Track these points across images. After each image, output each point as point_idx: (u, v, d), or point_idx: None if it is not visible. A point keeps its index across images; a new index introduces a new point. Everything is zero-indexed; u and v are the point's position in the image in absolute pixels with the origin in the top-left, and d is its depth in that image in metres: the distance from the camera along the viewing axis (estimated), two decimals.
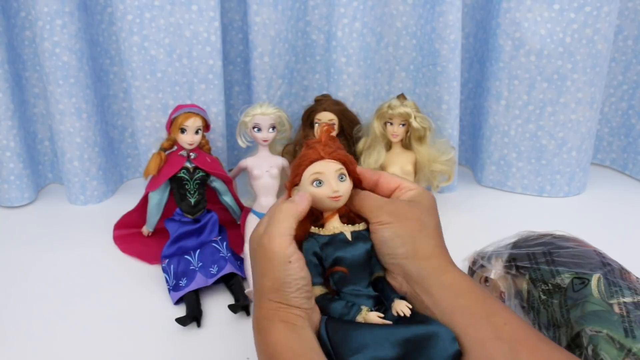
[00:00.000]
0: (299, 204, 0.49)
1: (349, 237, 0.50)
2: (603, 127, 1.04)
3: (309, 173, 0.49)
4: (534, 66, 0.88)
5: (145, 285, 0.74)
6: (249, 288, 0.70)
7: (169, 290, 0.71)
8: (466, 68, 0.98)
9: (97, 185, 0.96)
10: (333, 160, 0.50)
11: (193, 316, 0.66)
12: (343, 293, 0.49)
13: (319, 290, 0.49)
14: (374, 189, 0.54)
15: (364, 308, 0.47)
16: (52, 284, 0.76)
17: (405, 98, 0.82)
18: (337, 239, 0.49)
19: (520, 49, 0.87)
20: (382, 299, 0.50)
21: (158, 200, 0.80)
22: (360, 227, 0.51)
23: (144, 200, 0.82)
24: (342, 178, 0.50)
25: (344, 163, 0.50)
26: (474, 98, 1.01)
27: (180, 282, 0.71)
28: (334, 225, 0.50)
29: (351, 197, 0.52)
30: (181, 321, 0.64)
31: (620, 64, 0.99)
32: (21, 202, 0.96)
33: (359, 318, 0.47)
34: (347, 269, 0.49)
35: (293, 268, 0.46)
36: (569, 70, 0.87)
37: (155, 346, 0.64)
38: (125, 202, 0.90)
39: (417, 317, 0.47)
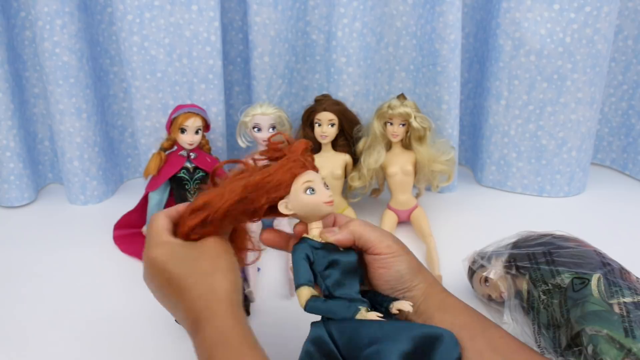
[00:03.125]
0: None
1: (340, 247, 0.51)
2: (603, 127, 1.04)
3: (300, 182, 0.49)
4: (534, 66, 0.88)
5: (145, 285, 0.74)
6: (249, 288, 0.70)
7: None
8: (466, 68, 0.98)
9: (97, 185, 0.96)
10: (314, 171, 0.51)
11: None
12: (337, 295, 0.49)
13: (309, 291, 0.48)
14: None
15: (362, 308, 0.47)
16: (52, 283, 0.76)
17: (405, 98, 0.82)
18: (329, 246, 0.50)
19: (520, 49, 0.87)
20: (376, 306, 0.50)
21: (158, 200, 0.80)
22: None
23: (144, 200, 0.82)
24: (326, 187, 0.50)
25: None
26: (474, 98, 1.01)
27: None
28: (318, 235, 0.51)
29: (345, 226, 0.51)
30: None
31: (620, 64, 0.99)
32: (21, 202, 0.96)
33: (358, 317, 0.47)
34: (341, 273, 0.49)
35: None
36: (569, 70, 0.87)
37: (155, 346, 0.64)
38: (125, 202, 0.90)
39: (415, 324, 0.48)
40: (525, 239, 0.66)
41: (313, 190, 0.49)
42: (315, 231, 0.51)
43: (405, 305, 0.47)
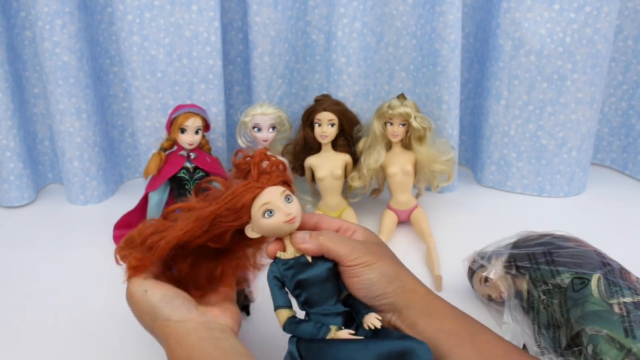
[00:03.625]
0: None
1: (309, 259, 0.50)
2: (603, 127, 1.04)
3: (257, 207, 0.49)
4: (534, 66, 0.88)
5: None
6: (249, 288, 0.70)
7: None
8: (466, 68, 0.98)
9: (97, 185, 0.96)
10: (274, 186, 0.50)
11: None
12: (311, 314, 0.49)
13: (287, 313, 0.49)
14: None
15: (333, 327, 0.47)
16: (52, 283, 0.76)
17: (405, 98, 0.82)
18: (298, 262, 0.50)
19: (520, 49, 0.87)
20: (353, 315, 0.50)
21: (158, 200, 0.80)
22: None
23: (144, 200, 0.82)
24: (288, 199, 0.49)
25: (284, 184, 0.51)
26: (474, 98, 1.01)
27: None
28: (294, 249, 0.51)
29: (314, 237, 0.51)
30: None
31: (620, 64, 0.99)
32: (21, 202, 0.96)
33: (330, 337, 0.47)
34: (310, 289, 0.49)
35: (151, 293, 0.50)
36: (569, 70, 0.87)
37: (154, 346, 0.64)
38: (125, 202, 0.90)
39: (392, 333, 0.47)
40: (525, 239, 0.66)
41: (271, 212, 0.48)
42: (289, 248, 0.51)
43: (373, 322, 0.47)
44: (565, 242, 0.63)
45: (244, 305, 0.67)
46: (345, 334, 0.46)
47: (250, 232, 0.50)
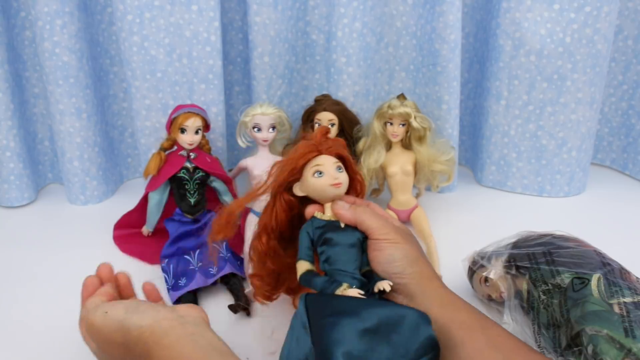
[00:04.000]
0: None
1: (342, 225, 0.53)
2: (603, 127, 1.04)
3: (310, 167, 0.53)
4: (534, 66, 0.88)
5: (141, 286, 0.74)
6: (250, 288, 0.70)
7: (168, 289, 0.71)
8: (466, 68, 0.98)
9: (97, 185, 0.96)
10: (329, 155, 0.54)
11: None
12: (329, 271, 0.51)
13: (307, 265, 0.52)
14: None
15: (345, 284, 0.48)
16: (52, 283, 0.76)
17: (405, 98, 0.82)
18: (332, 224, 0.53)
19: (520, 49, 0.87)
20: (368, 284, 0.51)
21: (158, 200, 0.80)
22: None
23: (144, 200, 0.82)
24: (339, 169, 0.54)
25: (340, 158, 0.55)
26: (474, 98, 1.01)
27: (180, 281, 0.71)
28: (332, 213, 0.54)
29: (353, 207, 0.54)
30: None
31: (620, 64, 0.99)
32: (21, 202, 0.96)
33: (338, 293, 0.48)
34: (335, 249, 0.51)
35: (111, 314, 0.51)
36: (569, 70, 0.87)
37: None
38: (125, 202, 0.90)
39: (396, 303, 0.49)
40: (525, 239, 0.66)
41: (321, 173, 0.52)
42: (328, 210, 0.54)
43: (384, 285, 0.48)
44: (565, 242, 0.63)
45: (244, 306, 0.67)
46: (355, 292, 0.47)
47: (297, 190, 0.54)
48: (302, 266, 0.52)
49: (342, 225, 0.53)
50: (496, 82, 0.92)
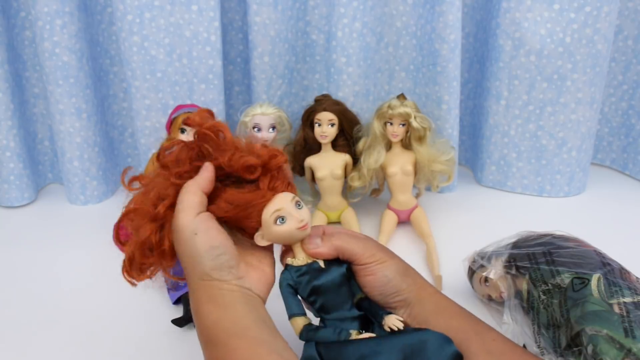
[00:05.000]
0: (200, 174, 0.49)
1: (322, 264, 0.50)
2: (603, 127, 1.04)
3: (269, 214, 0.48)
4: (534, 66, 0.88)
5: (144, 285, 0.74)
6: None
7: (168, 290, 0.71)
8: (466, 68, 0.98)
9: (97, 185, 0.96)
10: (284, 193, 0.49)
11: (189, 317, 0.66)
12: (328, 320, 0.49)
13: (302, 321, 0.49)
14: None
15: (353, 332, 0.47)
16: (52, 283, 0.76)
17: (405, 98, 0.82)
18: (312, 268, 0.50)
19: (520, 49, 0.87)
20: (370, 318, 0.50)
21: None
22: None
23: None
24: (299, 205, 0.49)
25: (291, 190, 0.50)
26: (474, 98, 1.01)
27: (180, 281, 0.71)
28: (305, 254, 0.50)
29: (327, 240, 0.51)
30: (178, 322, 0.64)
31: (620, 64, 0.99)
32: (21, 202, 0.96)
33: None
34: (326, 295, 0.49)
35: (200, 239, 0.46)
36: (569, 70, 0.87)
37: (154, 346, 0.64)
38: (125, 202, 0.89)
39: (408, 328, 0.48)
40: (525, 239, 0.66)
41: (283, 219, 0.48)
42: (300, 255, 0.50)
43: (396, 323, 0.47)
44: (565, 242, 0.63)
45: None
46: (366, 336, 0.46)
47: (260, 240, 0.49)
48: (298, 323, 0.49)
49: (322, 264, 0.50)
50: (496, 82, 0.92)
